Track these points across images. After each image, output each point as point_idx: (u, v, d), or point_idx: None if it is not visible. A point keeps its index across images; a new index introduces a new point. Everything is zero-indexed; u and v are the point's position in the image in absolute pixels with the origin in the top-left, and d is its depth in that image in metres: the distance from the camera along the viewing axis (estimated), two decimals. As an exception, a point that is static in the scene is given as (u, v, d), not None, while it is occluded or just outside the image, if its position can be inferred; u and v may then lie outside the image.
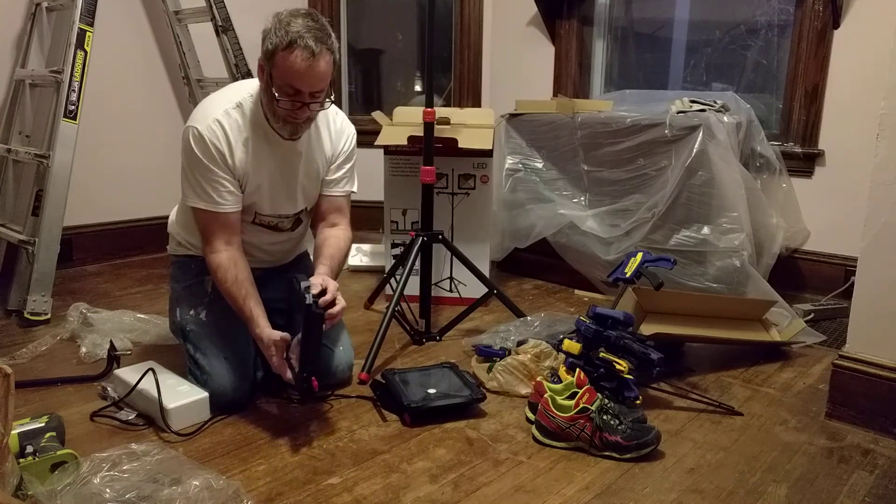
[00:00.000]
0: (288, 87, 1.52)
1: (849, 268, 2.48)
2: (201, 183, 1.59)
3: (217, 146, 1.57)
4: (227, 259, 1.61)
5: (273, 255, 1.84)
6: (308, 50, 1.48)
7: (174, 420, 1.54)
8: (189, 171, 1.61)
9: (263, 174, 1.65)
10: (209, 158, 1.57)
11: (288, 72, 1.50)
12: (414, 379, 1.74)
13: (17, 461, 1.24)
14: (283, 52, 1.49)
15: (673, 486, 1.39)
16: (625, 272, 1.92)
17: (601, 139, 2.54)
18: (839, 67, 2.51)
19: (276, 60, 1.50)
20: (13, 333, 2.15)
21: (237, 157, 1.60)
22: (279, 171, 1.68)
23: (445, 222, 2.49)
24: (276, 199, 1.71)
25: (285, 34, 1.48)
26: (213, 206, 1.60)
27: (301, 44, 1.47)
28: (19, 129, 2.55)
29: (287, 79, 1.51)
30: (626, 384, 1.62)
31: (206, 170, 1.58)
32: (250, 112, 1.62)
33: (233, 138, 1.59)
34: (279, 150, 1.66)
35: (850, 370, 1.63)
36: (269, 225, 1.75)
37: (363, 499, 1.32)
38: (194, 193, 1.61)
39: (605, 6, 3.25)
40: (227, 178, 1.60)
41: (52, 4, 2.55)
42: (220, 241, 1.62)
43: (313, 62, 1.49)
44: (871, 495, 1.37)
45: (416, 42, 3.90)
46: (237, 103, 1.62)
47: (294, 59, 1.48)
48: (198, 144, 1.57)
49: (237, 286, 1.59)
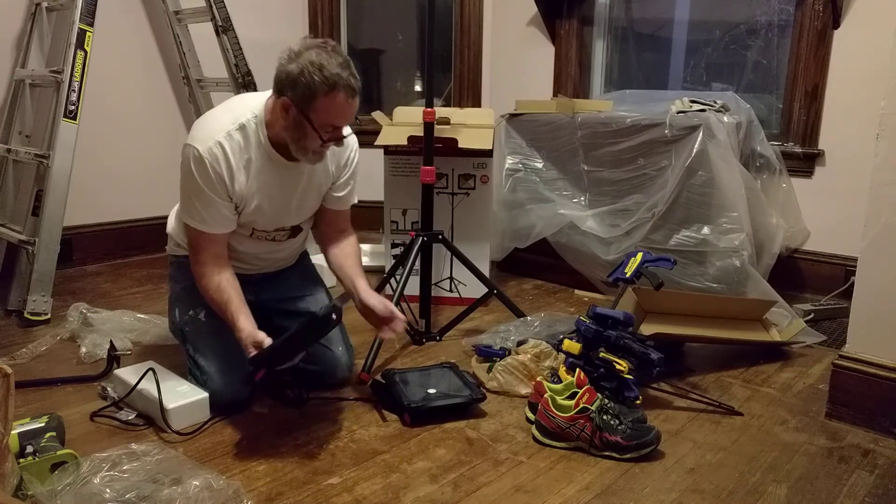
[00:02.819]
0: (329, 127, 1.53)
1: (849, 268, 2.48)
2: (195, 204, 1.58)
3: (217, 170, 1.55)
4: (212, 270, 1.60)
5: (272, 263, 1.83)
6: (349, 90, 1.48)
7: (174, 420, 1.54)
8: (185, 189, 1.59)
9: (263, 195, 1.64)
10: (207, 183, 1.55)
11: (333, 114, 1.50)
12: (414, 379, 1.74)
13: (17, 461, 1.23)
14: (325, 97, 1.47)
15: (673, 486, 1.39)
16: (625, 272, 1.92)
17: (601, 139, 2.54)
18: (839, 67, 2.51)
19: (317, 105, 1.48)
20: (13, 333, 2.15)
21: (237, 182, 1.58)
22: (280, 191, 1.66)
23: (445, 222, 2.49)
24: (276, 217, 1.70)
25: (324, 79, 1.45)
26: (204, 227, 1.59)
27: (342, 84, 1.47)
28: (19, 129, 2.55)
29: (331, 120, 1.51)
30: (626, 384, 1.62)
31: (201, 193, 1.56)
32: (253, 133, 1.59)
33: (234, 162, 1.57)
34: (282, 171, 1.64)
35: (850, 370, 1.63)
36: (267, 238, 1.74)
37: (363, 499, 1.32)
38: (187, 212, 1.60)
39: (605, 6, 3.25)
40: (222, 204, 1.58)
41: (52, 4, 2.55)
42: (208, 253, 1.61)
43: (354, 99, 1.51)
44: (871, 495, 1.37)
45: (416, 42, 3.89)
46: (241, 124, 1.58)
47: (338, 102, 1.48)
48: (197, 167, 1.54)
49: (219, 293, 1.58)
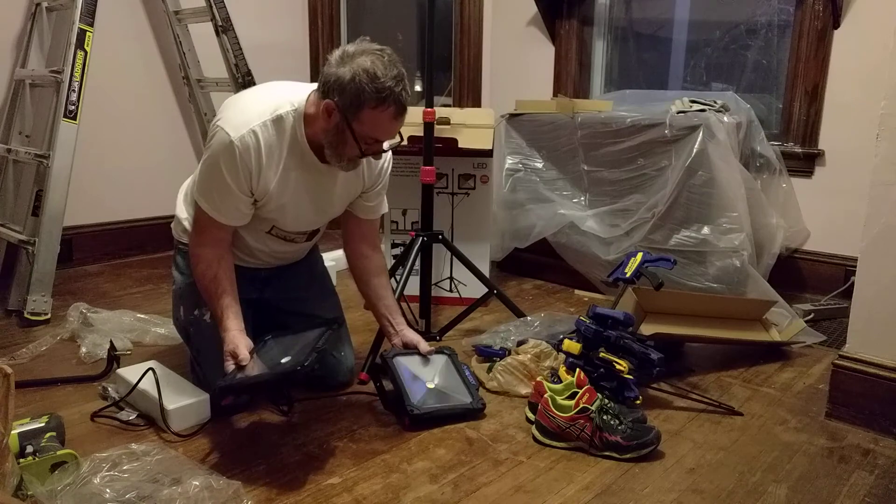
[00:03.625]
0: (371, 139, 1.47)
1: (849, 268, 2.47)
2: (212, 189, 1.51)
3: (245, 161, 1.46)
4: (211, 254, 1.55)
5: (282, 260, 1.79)
6: (399, 106, 1.42)
7: (175, 420, 1.54)
8: (206, 172, 1.51)
9: (289, 196, 1.56)
10: (231, 172, 1.47)
11: (377, 128, 1.45)
12: (413, 366, 1.67)
13: (17, 461, 1.23)
14: (372, 109, 1.41)
15: (673, 486, 1.39)
16: (625, 272, 1.92)
17: (601, 139, 2.54)
18: (839, 67, 2.51)
19: (364, 116, 1.42)
20: (13, 333, 2.15)
21: (264, 177, 1.50)
22: (307, 193, 1.59)
23: (445, 222, 2.49)
24: (300, 220, 1.65)
25: (375, 91, 1.39)
26: (216, 214, 1.53)
27: (393, 99, 1.40)
28: (19, 129, 2.55)
29: (374, 134, 1.46)
30: (626, 384, 1.62)
31: (223, 181, 1.48)
32: (290, 128, 1.49)
33: (265, 155, 1.48)
34: (314, 172, 1.56)
35: (850, 370, 1.63)
36: (286, 238, 1.69)
37: (363, 499, 1.32)
38: (202, 194, 1.54)
39: (605, 6, 3.24)
40: (240, 198, 1.51)
41: (52, 4, 2.55)
42: (211, 236, 1.56)
43: (402, 116, 1.45)
44: (871, 495, 1.37)
45: (416, 42, 3.89)
46: (279, 115, 1.49)
47: (386, 117, 1.43)
48: (225, 154, 1.46)
49: (214, 283, 1.53)
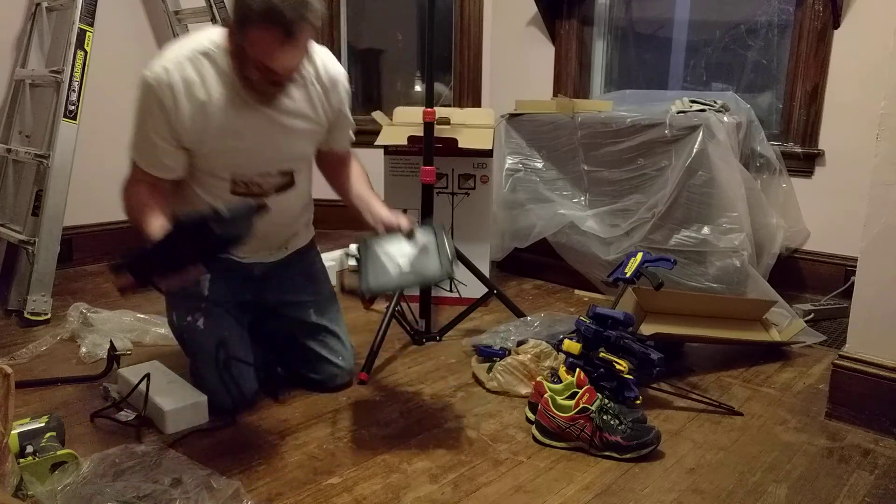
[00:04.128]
0: (259, 63, 1.33)
1: (849, 268, 2.47)
2: (140, 142, 1.42)
3: (161, 99, 1.36)
4: (145, 189, 1.45)
5: (273, 238, 1.65)
6: (283, 27, 1.26)
7: (173, 422, 1.54)
8: (134, 122, 1.42)
9: (232, 135, 1.44)
10: (152, 115, 1.37)
11: (262, 51, 1.31)
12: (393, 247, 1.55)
13: (17, 461, 1.23)
14: (257, 28, 1.27)
15: (673, 486, 1.39)
16: (625, 272, 1.92)
17: (601, 139, 2.54)
18: (839, 67, 2.51)
19: (248, 33, 1.29)
20: (13, 333, 2.15)
21: (187, 115, 1.38)
22: (257, 132, 1.46)
23: (445, 222, 2.48)
24: (255, 159, 1.51)
25: (260, 9, 1.25)
26: (145, 166, 1.43)
27: (275, 18, 1.25)
28: (19, 129, 2.55)
29: (259, 56, 1.32)
30: (626, 384, 1.62)
31: (145, 130, 1.38)
32: (216, 65, 1.39)
33: (185, 92, 1.36)
34: (256, 110, 1.44)
35: (850, 370, 1.63)
36: (253, 192, 1.53)
37: (363, 499, 1.32)
38: (133, 148, 1.45)
39: (605, 6, 3.25)
40: (162, 148, 1.41)
41: (52, 4, 2.55)
42: (145, 185, 1.46)
43: (288, 43, 1.28)
44: (871, 495, 1.37)
45: (416, 42, 3.89)
46: (199, 53, 1.38)
47: (269, 39, 1.27)
48: (142, 95, 1.37)
49: (140, 208, 1.43)
